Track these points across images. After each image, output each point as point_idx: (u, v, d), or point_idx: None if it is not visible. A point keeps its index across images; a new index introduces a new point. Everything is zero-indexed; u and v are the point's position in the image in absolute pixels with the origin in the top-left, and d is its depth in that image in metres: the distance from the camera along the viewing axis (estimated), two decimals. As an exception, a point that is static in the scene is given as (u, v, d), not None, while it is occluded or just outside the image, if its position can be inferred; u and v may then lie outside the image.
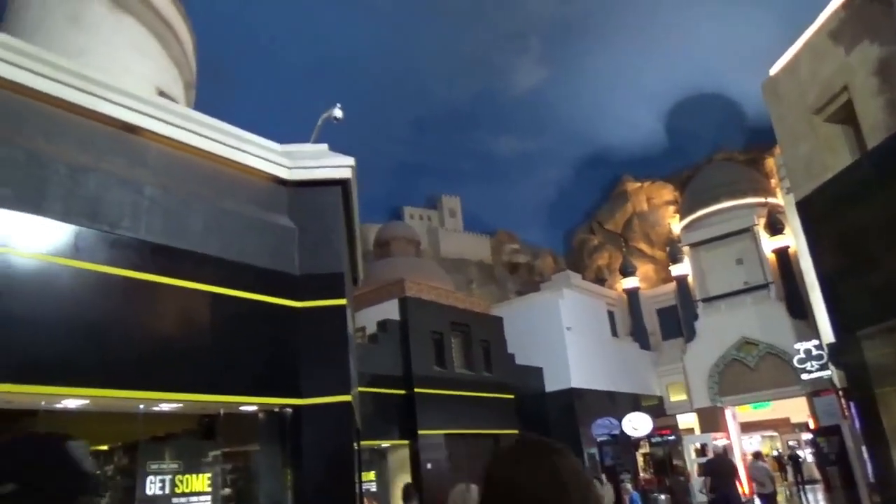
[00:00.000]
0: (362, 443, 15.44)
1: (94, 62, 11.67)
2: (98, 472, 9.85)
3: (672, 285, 45.56)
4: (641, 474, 31.03)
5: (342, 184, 10.88)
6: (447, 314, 25.50)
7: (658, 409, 38.08)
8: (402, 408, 22.40)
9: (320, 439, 9.39)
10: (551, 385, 31.25)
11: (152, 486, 9.23)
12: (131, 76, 12.80)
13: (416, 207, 79.37)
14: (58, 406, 8.12)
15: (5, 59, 7.57)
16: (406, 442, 22.32)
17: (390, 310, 24.12)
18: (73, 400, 7.87)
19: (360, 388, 16.86)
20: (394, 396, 22.21)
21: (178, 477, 9.38)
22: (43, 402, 7.97)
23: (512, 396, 27.08)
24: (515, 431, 25.98)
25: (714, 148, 65.65)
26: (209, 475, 9.72)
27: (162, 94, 13.25)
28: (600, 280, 57.72)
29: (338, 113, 12.53)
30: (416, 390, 22.59)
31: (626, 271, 47.92)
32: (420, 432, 22.16)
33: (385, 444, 22.39)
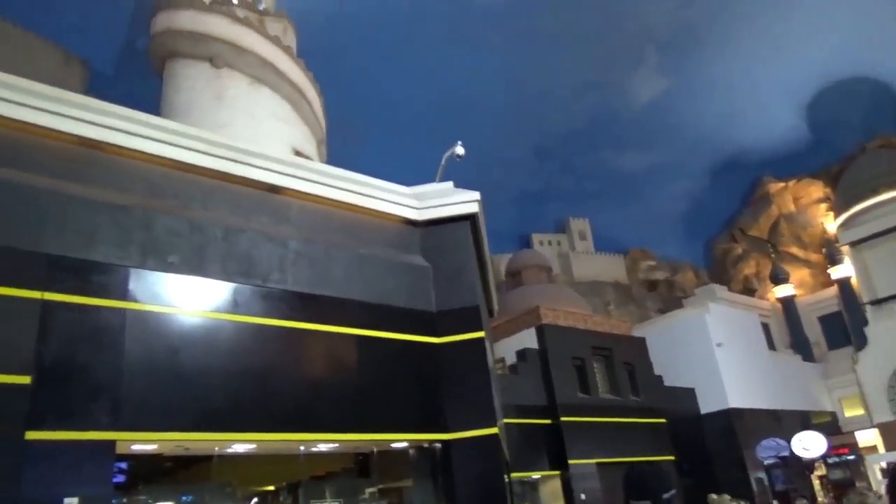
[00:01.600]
0: (512, 475, 15.32)
1: (238, 133, 12.85)
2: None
3: (833, 290, 41.71)
4: (819, 499, 28.23)
5: (470, 218, 11.09)
6: (587, 339, 24.89)
7: (832, 426, 34.64)
8: (549, 437, 21.99)
9: (471, 473, 9.44)
10: (706, 406, 29.42)
11: (318, 523, 9.69)
12: (271, 141, 13.93)
13: (544, 233, 78.73)
14: (228, 451, 8.82)
15: (171, 141, 8.57)
16: (556, 472, 21.86)
17: (528, 339, 23.93)
18: (241, 444, 8.52)
19: (506, 420, 16.79)
20: (539, 426, 21.88)
21: (343, 513, 9.78)
22: (216, 448, 8.69)
23: (664, 420, 25.80)
24: (672, 458, 24.69)
25: (866, 136, 59.81)
26: (371, 511, 10.05)
27: (298, 153, 14.27)
28: (749, 291, 53.99)
29: (459, 150, 12.84)
30: (563, 419, 22.12)
31: (778, 279, 44.51)
32: (570, 462, 21.63)
33: (535, 475, 22.04)
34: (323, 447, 9.29)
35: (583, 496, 21.40)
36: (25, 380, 6.54)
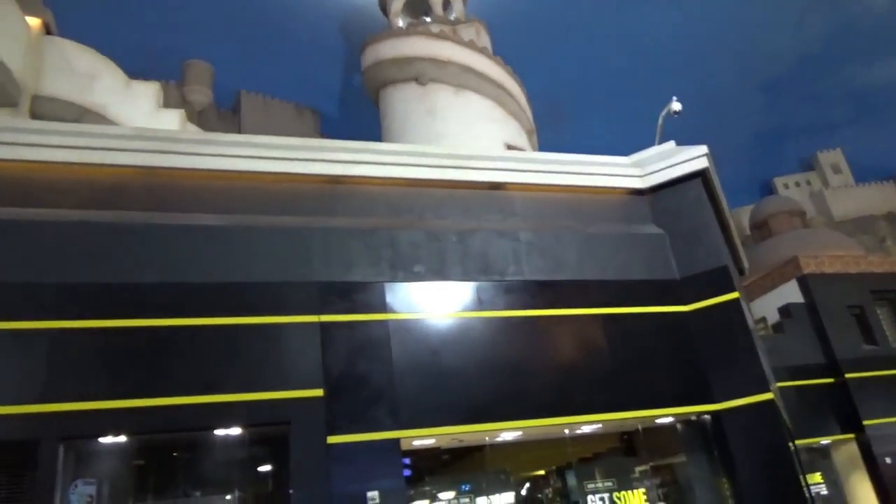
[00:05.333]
0: (797, 442, 13.99)
1: (453, 141, 13.50)
2: (539, 495, 10.77)
3: None
4: None
5: (700, 175, 10.39)
6: (863, 283, 21.79)
7: None
8: (834, 398, 19.66)
9: (750, 443, 8.83)
10: None
11: (594, 505, 9.74)
12: (484, 141, 14.42)
13: (788, 175, 70.77)
14: (498, 440, 9.29)
15: (401, 162, 9.36)
16: (850, 436, 19.48)
17: (789, 293, 21.68)
18: (508, 433, 8.92)
19: (778, 384, 15.42)
20: (820, 387, 19.67)
21: (616, 494, 9.73)
22: (487, 438, 9.20)
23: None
24: None
25: None
26: (644, 490, 9.87)
27: (511, 147, 14.57)
28: None
29: (676, 106, 12.10)
30: (848, 376, 19.66)
31: None
32: (866, 423, 19.13)
33: (824, 440, 19.88)
34: (586, 429, 9.35)
35: (888, 460, 18.77)
36: (319, 392, 7.56)
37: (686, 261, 9.93)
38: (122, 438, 7.12)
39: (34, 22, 13.70)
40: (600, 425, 9.21)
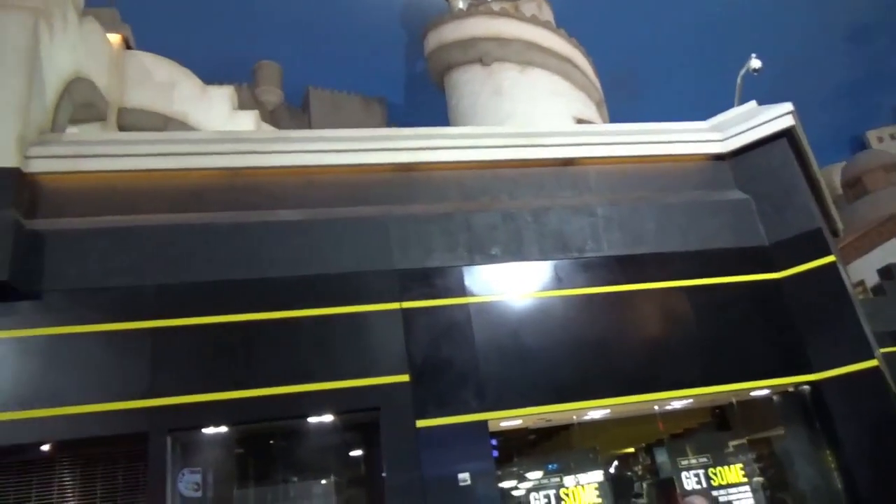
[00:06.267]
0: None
1: (522, 119, 13.37)
2: (629, 473, 10.62)
3: None
4: None
5: (786, 134, 9.87)
6: (975, 237, 20.30)
7: None
8: (950, 363, 18.48)
9: (855, 414, 8.41)
10: None
11: (688, 482, 9.52)
12: (552, 116, 14.19)
13: (882, 127, 66.18)
14: (585, 418, 9.21)
15: (471, 145, 9.37)
16: (970, 403, 18.25)
17: (889, 253, 20.40)
18: (595, 411, 8.82)
19: (883, 349, 14.56)
20: (933, 351, 18.52)
21: (711, 470, 9.48)
22: (574, 417, 9.13)
23: None
24: None
25: None
26: (741, 465, 9.58)
27: (580, 121, 14.29)
28: None
29: (755, 63, 11.51)
30: (965, 338, 18.40)
31: None
32: None
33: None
34: (676, 404, 9.13)
35: None
36: (405, 378, 7.70)
37: (775, 226, 9.48)
38: (223, 429, 7.51)
39: (115, 38, 14.43)
40: (691, 400, 8.98)
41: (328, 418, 7.73)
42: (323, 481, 8.37)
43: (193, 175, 8.45)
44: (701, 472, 9.48)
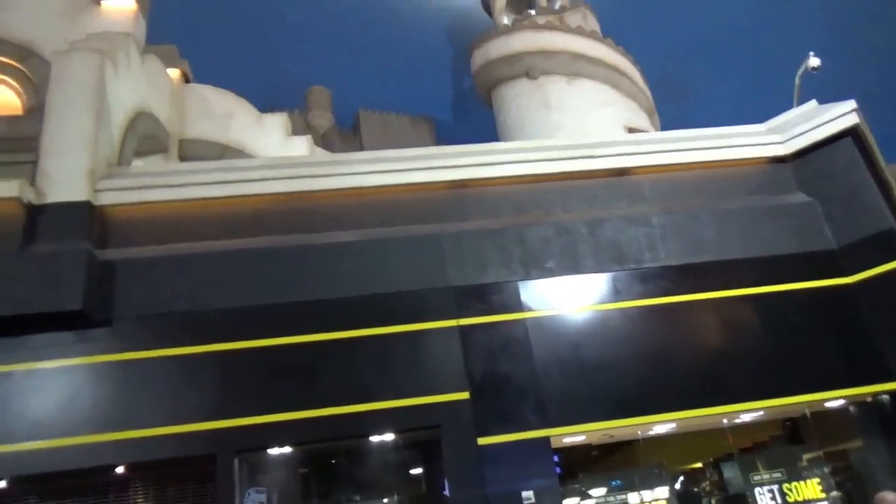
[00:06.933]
0: None
1: (572, 131, 13.29)
2: (696, 489, 10.27)
3: None
4: None
5: (850, 133, 9.49)
6: None
7: None
8: None
9: (941, 424, 7.94)
10: None
11: (762, 498, 9.15)
12: (603, 126, 14.05)
13: (953, 119, 62.85)
14: (650, 433, 8.97)
15: (522, 159, 9.33)
16: None
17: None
18: (660, 425, 8.59)
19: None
20: None
21: (786, 485, 9.09)
22: (639, 432, 8.92)
23: None
24: None
25: None
26: (818, 479, 9.16)
27: (632, 130, 14.10)
28: None
29: (814, 62, 11.15)
30: None
31: None
32: None
33: None
34: (746, 417, 8.81)
35: None
36: (465, 395, 7.68)
37: (843, 228, 9.09)
38: (287, 449, 7.62)
39: (174, 73, 15.03)
40: (762, 412, 8.65)
41: (390, 437, 7.77)
42: (385, 500, 8.40)
43: (252, 200, 8.69)
44: (775, 487, 9.10)
